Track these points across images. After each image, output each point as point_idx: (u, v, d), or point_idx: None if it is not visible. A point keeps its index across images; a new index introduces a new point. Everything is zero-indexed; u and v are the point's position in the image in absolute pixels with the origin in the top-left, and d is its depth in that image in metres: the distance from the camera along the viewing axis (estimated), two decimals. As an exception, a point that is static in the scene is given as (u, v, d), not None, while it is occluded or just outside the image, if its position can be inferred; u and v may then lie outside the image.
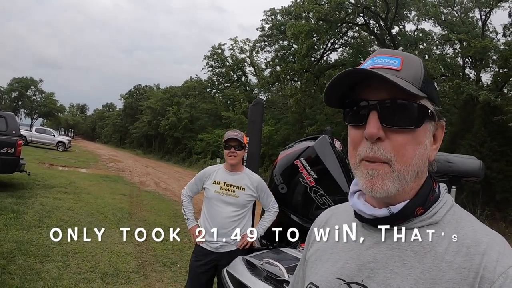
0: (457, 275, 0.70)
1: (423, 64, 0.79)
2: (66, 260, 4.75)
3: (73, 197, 9.01)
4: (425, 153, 0.77)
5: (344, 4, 19.67)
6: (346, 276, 0.82)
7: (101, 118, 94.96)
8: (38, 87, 74.66)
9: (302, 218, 3.34)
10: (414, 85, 0.75)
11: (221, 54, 40.79)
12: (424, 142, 0.77)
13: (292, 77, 25.69)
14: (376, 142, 0.75)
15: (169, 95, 46.11)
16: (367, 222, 0.83)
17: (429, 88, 0.77)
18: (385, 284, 0.75)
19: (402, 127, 0.74)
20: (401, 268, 0.75)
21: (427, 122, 0.77)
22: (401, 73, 0.76)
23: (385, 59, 0.78)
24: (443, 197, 0.82)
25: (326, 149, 3.29)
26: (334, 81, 0.78)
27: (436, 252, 0.74)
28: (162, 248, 6.06)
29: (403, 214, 0.78)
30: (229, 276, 2.33)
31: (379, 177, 0.75)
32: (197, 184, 3.24)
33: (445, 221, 0.78)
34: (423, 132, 0.76)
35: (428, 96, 0.77)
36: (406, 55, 0.80)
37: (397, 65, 0.77)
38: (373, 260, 0.79)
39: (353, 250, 0.84)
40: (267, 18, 30.49)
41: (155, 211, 9.32)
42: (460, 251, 0.72)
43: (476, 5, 18.85)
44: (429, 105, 0.77)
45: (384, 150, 0.74)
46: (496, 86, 16.39)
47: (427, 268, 0.73)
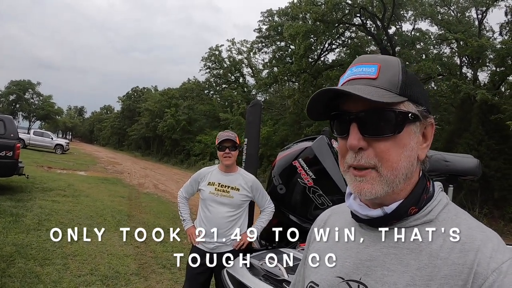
0: (451, 271, 0.72)
1: (402, 67, 0.79)
2: (66, 262, 4.75)
3: (72, 200, 9.00)
4: (411, 154, 0.79)
5: (341, 4, 19.71)
6: (345, 274, 0.84)
7: (99, 120, 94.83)
8: (35, 90, 74.67)
9: (301, 218, 3.36)
10: (391, 91, 0.76)
11: (218, 56, 40.78)
12: (409, 144, 0.78)
13: (290, 78, 25.74)
14: (359, 151, 0.77)
15: (167, 97, 46.12)
16: (362, 222, 0.86)
17: (410, 90, 0.78)
18: (382, 281, 0.77)
19: (381, 136, 0.76)
20: (398, 266, 0.77)
21: (410, 125, 0.78)
22: (377, 81, 0.77)
23: (363, 68, 0.80)
24: (437, 195, 0.83)
25: (324, 149, 3.30)
26: (312, 100, 0.80)
27: (431, 249, 0.76)
28: (162, 250, 6.06)
29: (397, 214, 0.80)
30: (229, 277, 2.34)
31: (368, 182, 0.78)
32: (193, 186, 3.25)
33: (439, 219, 0.80)
34: (406, 135, 0.78)
35: (410, 98, 0.78)
36: (384, 60, 0.81)
37: (373, 73, 0.78)
38: (370, 258, 0.81)
39: (351, 249, 0.86)
40: (264, 19, 30.51)
41: (154, 213, 9.32)
42: (455, 247, 0.74)
43: (473, 4, 18.91)
44: (411, 107, 0.78)
45: (367, 158, 0.77)
46: (493, 85, 16.44)
47: (422, 265, 0.75)
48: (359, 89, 0.75)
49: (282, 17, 28.91)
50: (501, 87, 17.23)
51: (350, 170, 0.80)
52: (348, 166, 0.81)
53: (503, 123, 12.68)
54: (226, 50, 40.60)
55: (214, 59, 40.92)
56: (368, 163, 0.77)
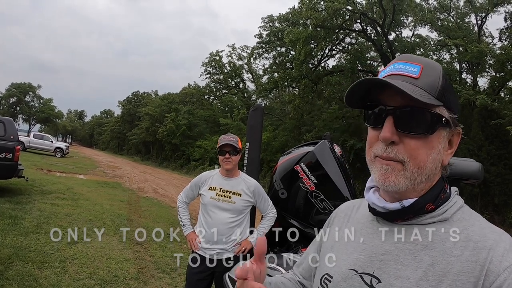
0: (464, 268, 0.74)
1: (443, 73, 0.82)
2: (64, 266, 4.70)
3: (71, 203, 8.95)
4: (437, 158, 0.82)
5: (341, 10, 19.77)
6: (359, 267, 0.87)
7: (99, 124, 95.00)
8: (36, 93, 74.86)
9: (302, 223, 3.33)
10: (430, 93, 0.78)
11: (219, 61, 40.88)
12: (438, 147, 0.81)
13: (290, 84, 25.75)
14: (390, 144, 0.80)
15: (167, 102, 46.22)
16: (379, 216, 0.89)
17: (446, 96, 0.80)
18: (396, 275, 0.80)
19: (415, 133, 0.79)
20: (411, 261, 0.79)
21: (441, 129, 0.81)
22: (418, 81, 0.79)
23: (406, 66, 0.82)
24: (453, 197, 0.87)
25: (326, 154, 3.28)
26: (354, 87, 0.83)
27: (445, 247, 0.78)
28: (161, 254, 6.03)
29: (414, 209, 0.83)
30: (231, 282, 2.31)
31: (393, 172, 0.80)
32: (193, 190, 3.20)
33: (454, 219, 0.83)
34: (436, 138, 0.81)
35: (445, 104, 0.80)
36: (427, 62, 0.83)
37: (416, 72, 0.80)
38: (384, 252, 0.84)
39: (367, 243, 0.89)
40: (264, 25, 30.64)
41: (153, 217, 9.28)
42: (468, 246, 0.77)
43: (472, 10, 19.01)
44: (445, 113, 0.81)
45: (397, 152, 0.80)
46: (493, 90, 16.50)
47: (436, 261, 0.77)
48: (402, 84, 0.77)
49: (283, 22, 29.06)
50: (501, 92, 17.30)
51: (376, 159, 0.83)
52: (375, 156, 0.83)
53: (503, 128, 12.73)
54: (227, 56, 40.73)
55: (214, 64, 41.02)
56: (397, 157, 0.80)
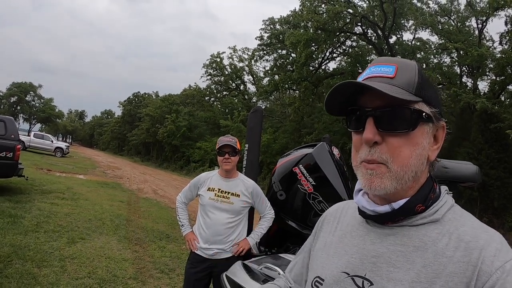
0: (456, 269, 0.74)
1: (418, 69, 0.82)
2: (63, 265, 4.72)
3: (71, 203, 8.97)
4: (423, 154, 0.81)
5: (342, 13, 19.81)
6: (350, 269, 0.86)
7: (99, 125, 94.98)
8: (37, 93, 74.90)
9: (300, 224, 3.34)
10: (408, 90, 0.79)
11: (219, 63, 40.92)
12: (422, 143, 0.81)
13: (291, 86, 25.77)
14: (373, 145, 0.80)
15: (168, 103, 46.23)
16: (369, 218, 0.88)
17: (424, 91, 0.81)
18: (388, 277, 0.79)
19: (396, 131, 0.79)
20: (403, 263, 0.79)
21: (423, 124, 0.81)
22: (395, 80, 0.80)
23: (381, 68, 0.83)
24: (443, 197, 0.86)
25: (325, 156, 3.29)
26: (332, 92, 0.83)
27: (437, 247, 0.78)
28: (160, 255, 6.04)
29: (404, 210, 0.82)
30: (229, 281, 2.33)
31: (377, 176, 0.80)
32: (192, 191, 3.21)
33: (445, 219, 0.82)
34: (419, 134, 0.80)
35: (424, 99, 0.80)
36: (401, 61, 0.84)
37: (391, 72, 0.81)
38: (376, 255, 0.83)
39: (358, 245, 0.88)
40: (266, 27, 30.68)
41: (153, 218, 9.29)
42: (460, 246, 0.76)
43: (473, 14, 19.02)
44: (425, 108, 0.81)
45: (380, 152, 0.80)
46: (493, 94, 16.51)
47: (428, 263, 0.77)
48: (379, 85, 0.78)
49: (284, 25, 29.07)
50: (501, 96, 17.31)
51: (362, 164, 0.83)
52: (361, 161, 0.83)
53: (503, 132, 12.74)
54: (228, 58, 40.79)
55: (215, 66, 41.06)
56: (380, 158, 0.80)
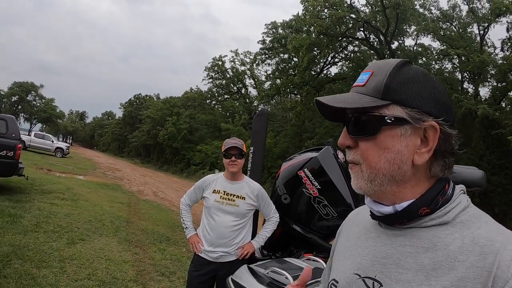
0: (470, 274, 0.71)
1: (392, 70, 0.81)
2: (63, 266, 4.67)
3: (71, 203, 8.92)
4: (396, 157, 0.80)
5: (345, 18, 19.85)
6: (362, 271, 0.87)
7: (100, 126, 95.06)
8: (38, 92, 74.89)
9: (305, 228, 3.31)
10: (374, 96, 0.80)
11: (221, 66, 41.02)
12: (393, 147, 0.80)
13: (292, 90, 25.79)
14: (349, 149, 0.86)
15: (169, 105, 46.22)
16: (377, 219, 0.89)
17: (396, 93, 0.79)
18: (397, 279, 0.79)
19: (359, 136, 0.83)
20: (412, 264, 0.78)
21: (391, 128, 0.79)
22: (364, 88, 0.83)
23: (361, 76, 0.86)
24: (456, 198, 0.82)
25: (330, 160, 3.26)
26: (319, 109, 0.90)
27: (449, 250, 0.75)
28: (161, 257, 5.99)
29: (407, 213, 0.81)
30: (235, 285, 2.28)
31: (355, 176, 0.86)
32: (197, 193, 3.18)
33: (457, 220, 0.79)
34: (387, 138, 0.80)
35: (395, 101, 0.79)
36: (377, 66, 0.85)
37: (363, 80, 0.84)
38: (386, 256, 0.83)
39: (370, 247, 0.89)
40: (268, 31, 30.75)
41: (153, 220, 9.24)
42: (474, 250, 0.73)
43: (475, 20, 19.08)
44: (397, 110, 0.79)
45: (354, 155, 0.85)
46: (494, 100, 16.55)
47: (438, 266, 0.75)
48: (344, 97, 0.83)
49: (286, 29, 29.14)
50: (502, 102, 17.33)
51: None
52: None
53: (504, 138, 12.74)
54: (229, 61, 40.85)
55: (217, 69, 41.16)
56: (354, 159, 0.85)
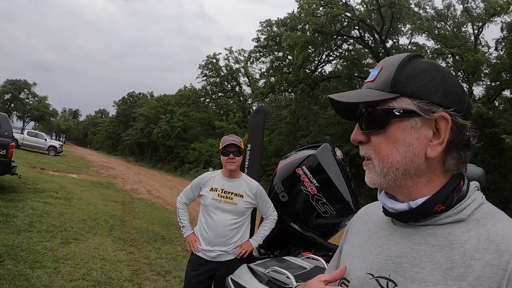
0: (485, 273, 0.70)
1: (400, 64, 0.81)
2: (57, 266, 4.59)
3: (65, 202, 8.81)
4: (409, 150, 0.79)
5: (340, 17, 19.85)
6: (375, 270, 0.84)
7: (93, 124, 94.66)
8: (31, 90, 74.10)
9: (303, 226, 3.28)
10: (383, 90, 0.81)
11: (215, 64, 40.98)
12: (404, 140, 0.79)
13: (287, 88, 25.77)
14: (362, 144, 0.87)
15: (163, 103, 46.07)
16: (390, 216, 0.87)
17: (403, 86, 0.80)
18: (412, 278, 0.77)
19: (369, 131, 0.84)
20: (428, 263, 0.76)
21: (401, 120, 0.79)
22: (374, 83, 0.84)
23: (372, 72, 0.87)
24: (471, 194, 0.81)
25: (328, 157, 3.23)
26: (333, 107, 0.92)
27: (465, 249, 0.74)
28: (156, 256, 5.93)
29: (422, 210, 0.80)
30: (235, 285, 2.24)
31: (368, 171, 0.86)
32: (194, 191, 3.12)
33: (473, 218, 0.78)
34: (398, 131, 0.80)
35: (404, 94, 0.79)
36: (387, 61, 0.86)
37: (373, 76, 0.85)
38: (400, 255, 0.81)
39: (383, 245, 0.87)
40: (263, 29, 30.71)
41: (147, 219, 9.17)
42: (490, 248, 0.72)
43: (469, 19, 19.20)
44: (406, 102, 0.79)
45: (366, 150, 0.86)
46: (488, 99, 16.67)
47: (455, 265, 0.73)
48: (356, 93, 0.85)
49: (281, 27, 29.11)
50: (496, 101, 17.45)
51: None
52: None
53: (498, 137, 12.81)
54: (224, 59, 40.78)
55: (211, 67, 41.12)
56: (366, 154, 0.85)
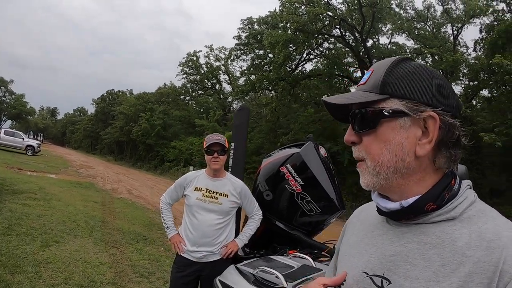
0: (477, 269, 0.72)
1: (390, 67, 0.84)
2: (38, 271, 4.46)
3: (44, 203, 8.60)
4: (398, 149, 0.81)
5: (322, 15, 19.94)
6: (370, 269, 0.86)
7: (72, 122, 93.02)
8: (8, 88, 71.87)
9: (288, 225, 3.28)
10: (373, 92, 0.83)
11: (196, 61, 40.72)
12: (394, 139, 0.81)
13: (267, 86, 25.76)
14: (355, 145, 0.88)
15: (142, 101, 45.46)
16: (384, 215, 0.89)
17: (392, 87, 0.82)
18: (405, 276, 0.79)
19: (360, 131, 0.86)
20: (420, 261, 0.78)
21: (390, 120, 0.81)
22: (365, 86, 0.86)
23: (365, 75, 0.89)
24: (463, 193, 0.83)
25: (312, 155, 3.24)
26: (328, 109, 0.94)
27: (457, 246, 0.76)
28: (138, 257, 5.85)
29: (413, 209, 0.81)
30: (223, 286, 2.23)
31: (362, 173, 0.87)
32: (177, 191, 3.08)
33: (465, 216, 0.80)
34: (387, 130, 0.82)
35: (393, 95, 0.81)
36: (378, 65, 0.88)
37: (365, 79, 0.88)
38: (394, 253, 0.83)
39: (377, 244, 0.88)
40: (244, 27, 30.65)
41: (128, 219, 9.04)
42: (481, 245, 0.74)
43: (449, 20, 19.59)
44: (393, 103, 0.81)
45: (359, 151, 0.87)
46: (466, 98, 17.04)
47: (446, 262, 0.75)
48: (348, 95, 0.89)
49: (262, 25, 29.09)
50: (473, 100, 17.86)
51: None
52: None
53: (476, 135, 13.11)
54: (204, 56, 40.55)
55: (191, 65, 40.85)
56: (359, 155, 0.87)
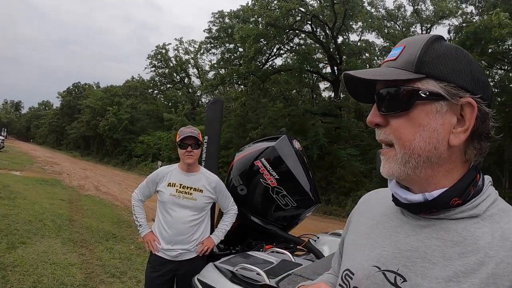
0: (500, 270, 0.68)
1: (426, 44, 0.76)
2: (5, 275, 4.25)
3: (8, 202, 8.27)
4: (433, 136, 0.74)
5: (294, 11, 19.98)
6: (382, 263, 0.80)
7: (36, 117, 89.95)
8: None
9: (263, 219, 3.25)
10: (407, 69, 0.75)
11: (165, 54, 40.08)
12: (429, 124, 0.74)
13: (237, 80, 25.66)
14: (379, 128, 0.80)
15: (110, 95, 44.19)
16: (402, 207, 0.83)
17: (430, 66, 0.74)
18: (423, 274, 0.73)
19: (389, 112, 0.77)
20: (440, 259, 0.73)
21: (426, 103, 0.74)
22: (395, 62, 0.78)
23: (393, 51, 0.81)
24: (486, 190, 0.78)
25: (287, 149, 3.22)
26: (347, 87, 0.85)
27: (479, 246, 0.71)
28: (109, 257, 5.68)
29: (437, 203, 0.75)
30: (203, 285, 2.17)
31: (387, 160, 0.80)
32: (150, 187, 2.96)
33: (487, 214, 0.75)
34: (422, 114, 0.74)
35: (430, 75, 0.74)
36: (410, 40, 0.80)
37: (395, 55, 0.79)
38: (410, 249, 0.77)
39: (391, 237, 0.82)
40: (214, 20, 30.36)
41: (97, 216, 8.81)
42: (505, 245, 0.70)
43: (418, 20, 20.14)
44: (431, 84, 0.74)
45: (384, 134, 0.79)
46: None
47: (468, 261, 0.70)
48: (376, 70, 0.79)
49: (233, 19, 28.90)
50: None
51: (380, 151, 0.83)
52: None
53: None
54: (173, 49, 39.98)
55: (160, 58, 40.21)
56: (386, 138, 0.79)
